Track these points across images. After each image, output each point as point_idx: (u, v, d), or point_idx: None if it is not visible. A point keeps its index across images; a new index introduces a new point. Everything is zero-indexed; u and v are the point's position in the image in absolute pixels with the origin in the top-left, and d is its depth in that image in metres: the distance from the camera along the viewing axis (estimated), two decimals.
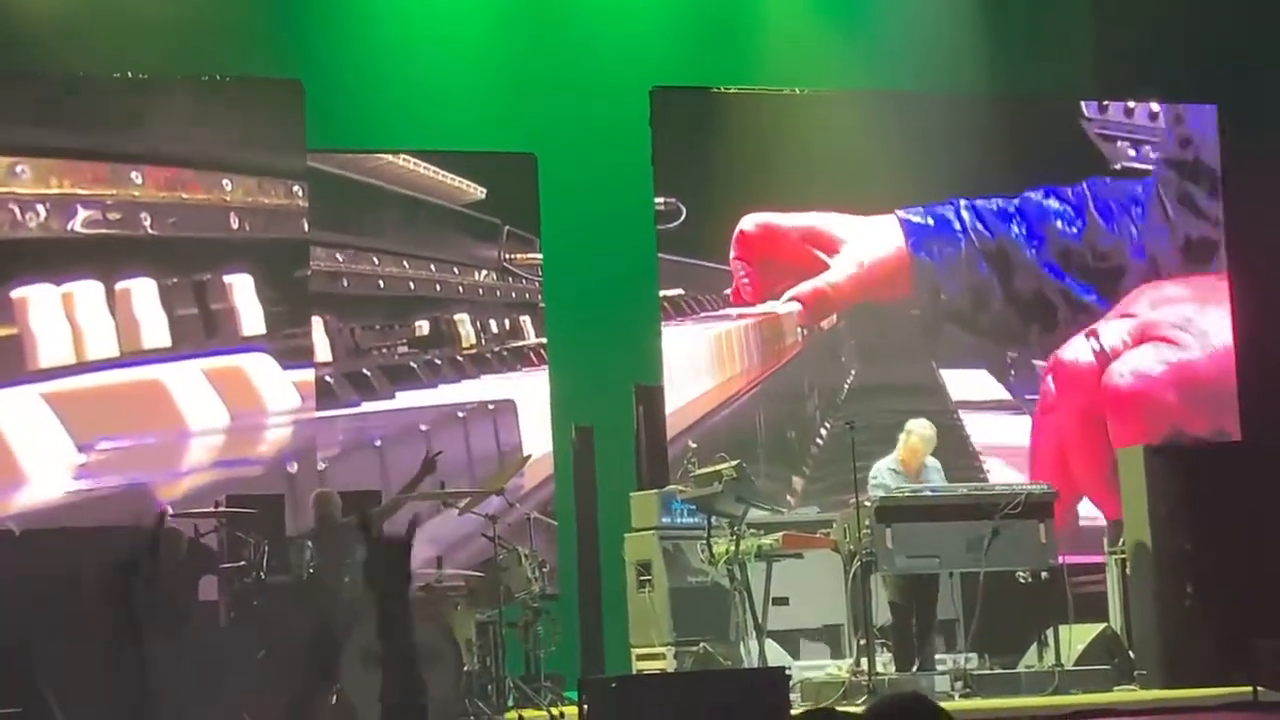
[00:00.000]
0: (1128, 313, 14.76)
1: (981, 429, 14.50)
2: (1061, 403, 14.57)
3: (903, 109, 14.45)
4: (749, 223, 14.10)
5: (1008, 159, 14.53)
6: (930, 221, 14.53)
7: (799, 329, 14.27)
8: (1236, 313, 14.76)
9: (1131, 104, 15.01)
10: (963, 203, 14.56)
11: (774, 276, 14.22)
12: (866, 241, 14.39)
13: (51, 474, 12.07)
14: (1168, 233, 14.96)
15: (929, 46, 14.48)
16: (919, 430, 11.70)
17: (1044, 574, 11.26)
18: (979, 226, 14.57)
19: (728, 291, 14.09)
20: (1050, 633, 11.30)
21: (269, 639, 9.93)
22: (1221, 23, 14.28)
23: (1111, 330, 14.71)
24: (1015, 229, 14.64)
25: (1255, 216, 14.46)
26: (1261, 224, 14.39)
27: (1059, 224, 14.74)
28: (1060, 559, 11.30)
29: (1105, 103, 14.98)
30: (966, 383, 14.58)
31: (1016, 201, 14.67)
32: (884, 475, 11.47)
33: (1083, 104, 14.96)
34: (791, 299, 14.24)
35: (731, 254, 14.06)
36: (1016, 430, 14.61)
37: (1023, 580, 11.28)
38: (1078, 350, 14.63)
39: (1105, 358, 14.62)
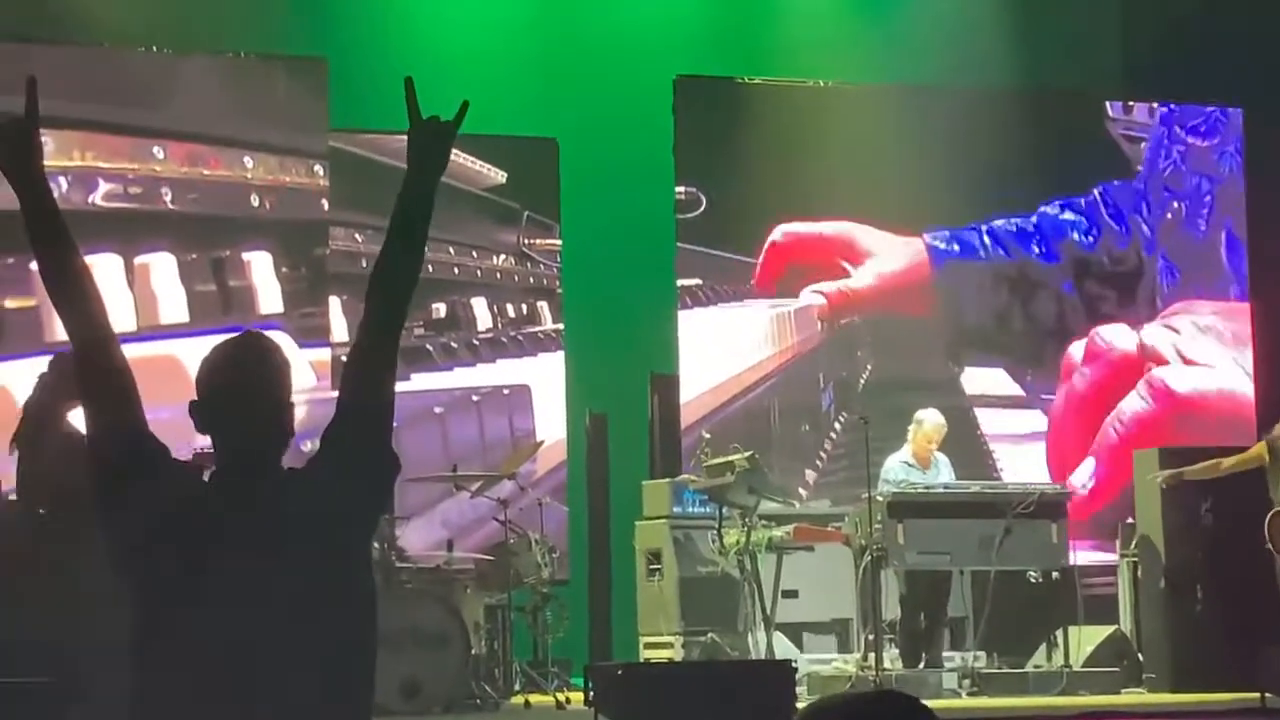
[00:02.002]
0: (1171, 325, 14.65)
1: (995, 426, 14.47)
2: (1090, 376, 14.47)
3: (927, 104, 14.40)
4: (779, 233, 14.04)
5: (1030, 161, 14.45)
6: (955, 247, 14.47)
7: (818, 323, 14.24)
8: (1257, 315, 14.70)
9: (1155, 105, 14.95)
10: (984, 228, 14.50)
11: (799, 279, 14.18)
12: (892, 258, 14.33)
13: None
14: (1186, 230, 14.89)
15: (954, 41, 14.41)
16: (929, 419, 11.69)
17: (1055, 574, 11.26)
18: (999, 250, 14.54)
19: (746, 285, 14.08)
20: (1060, 633, 11.30)
21: None
22: (1251, 25, 14.20)
23: (1157, 335, 14.60)
24: (1035, 249, 14.62)
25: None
26: None
27: (1075, 235, 14.69)
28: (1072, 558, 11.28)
29: (1130, 104, 14.93)
30: (982, 380, 14.54)
31: (1034, 219, 14.61)
32: (896, 469, 11.48)
33: (1107, 104, 14.91)
34: (817, 291, 14.19)
35: (759, 260, 14.00)
36: (1031, 427, 14.57)
37: (1033, 580, 11.28)
38: (1122, 337, 14.54)
39: (1146, 354, 14.51)
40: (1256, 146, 14.76)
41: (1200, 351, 14.66)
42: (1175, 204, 14.88)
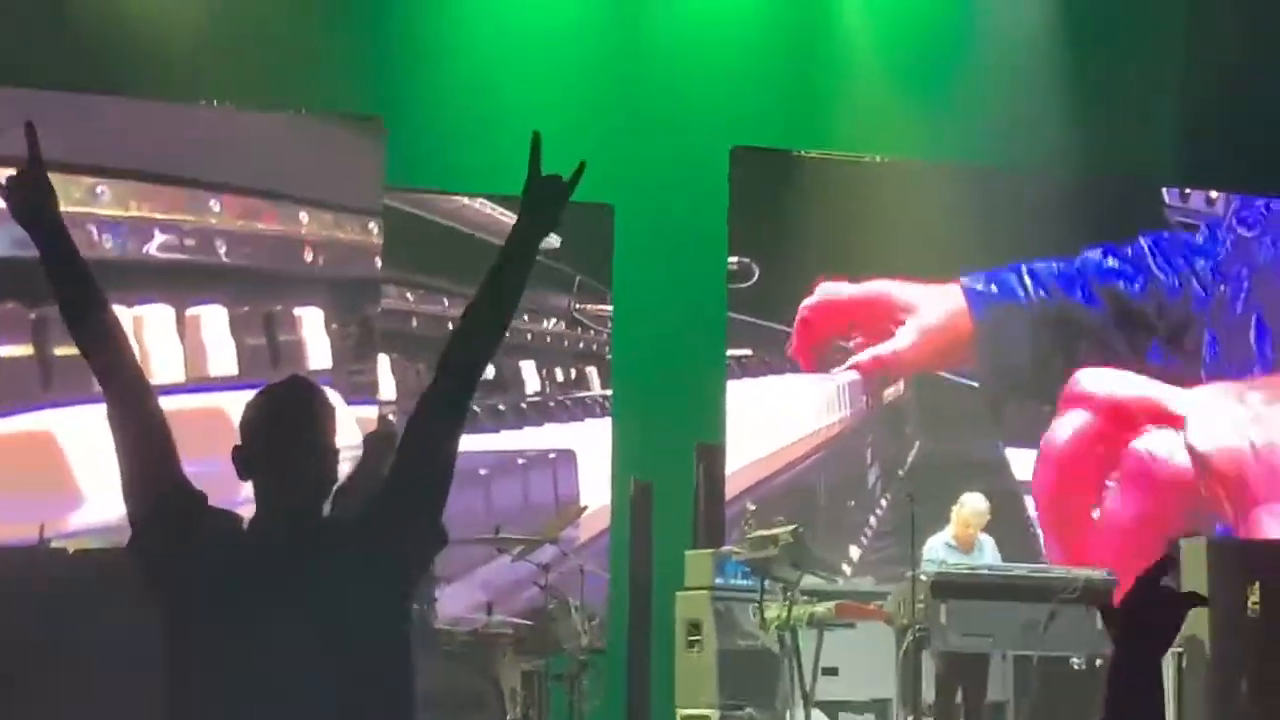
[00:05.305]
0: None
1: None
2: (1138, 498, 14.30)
3: (981, 182, 14.36)
4: (814, 296, 13.99)
5: (1078, 228, 14.43)
6: (993, 289, 14.35)
7: (865, 397, 14.17)
8: None
9: (1214, 194, 14.86)
10: (1024, 268, 14.38)
11: (839, 348, 14.13)
12: (930, 310, 14.24)
13: (109, 495, 12.09)
14: (1235, 289, 14.75)
15: (1011, 120, 14.37)
16: (971, 504, 11.64)
17: (1099, 661, 11.11)
18: (1040, 292, 14.41)
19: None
20: None
21: None
22: None
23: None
24: (1077, 294, 14.47)
25: None
26: None
27: (1120, 284, 14.54)
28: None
29: (1187, 190, 14.84)
30: (1031, 462, 14.42)
31: (1077, 263, 14.47)
32: (939, 550, 11.39)
33: (1164, 190, 14.83)
34: (851, 367, 14.14)
35: (795, 322, 13.96)
36: None
37: (1077, 667, 11.14)
38: (1170, 446, 14.38)
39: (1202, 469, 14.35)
40: None
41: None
42: (1222, 286, 14.76)
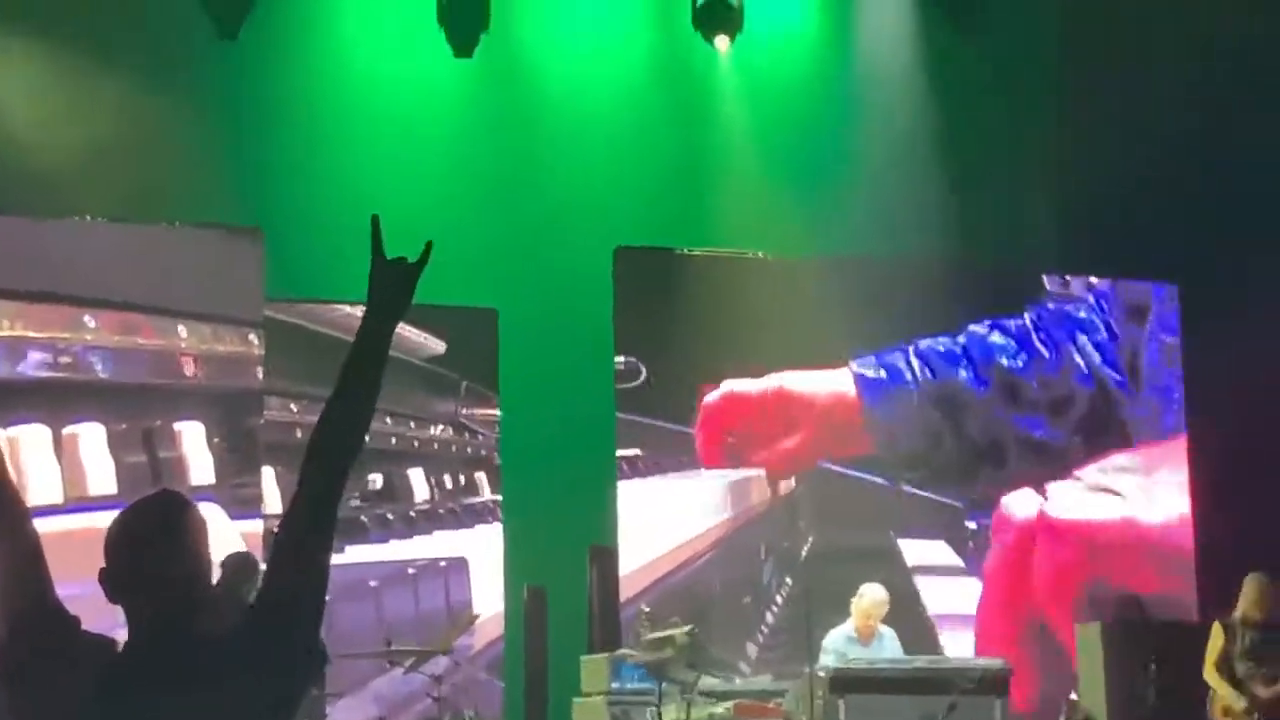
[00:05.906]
0: (1075, 476, 14.63)
1: (938, 599, 14.35)
2: (1000, 550, 14.41)
3: (864, 274, 14.43)
4: (714, 393, 13.96)
5: (962, 306, 14.56)
6: (882, 373, 14.36)
7: (757, 493, 14.14)
8: (1195, 488, 14.70)
9: (1093, 279, 15.02)
10: (911, 350, 14.42)
11: (738, 443, 14.10)
12: (824, 404, 14.24)
13: None
14: (1116, 358, 14.87)
15: (893, 213, 14.51)
16: (871, 595, 11.65)
17: None
18: (927, 373, 14.45)
19: (685, 455, 13.98)
20: None
21: None
22: (1185, 204, 14.34)
23: (1059, 493, 14.58)
24: (962, 372, 14.52)
25: (1212, 402, 14.44)
26: (1218, 408, 14.35)
27: (1004, 360, 14.62)
28: None
29: (1067, 277, 15.00)
30: (924, 552, 14.44)
31: (962, 340, 14.53)
32: (839, 643, 11.36)
33: (1044, 277, 14.97)
34: (756, 465, 14.11)
35: (696, 421, 13.92)
36: (972, 601, 14.45)
37: None
38: (1024, 504, 14.48)
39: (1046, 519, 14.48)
40: (1192, 319, 14.85)
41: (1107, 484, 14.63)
42: (1081, 313, 14.89)
